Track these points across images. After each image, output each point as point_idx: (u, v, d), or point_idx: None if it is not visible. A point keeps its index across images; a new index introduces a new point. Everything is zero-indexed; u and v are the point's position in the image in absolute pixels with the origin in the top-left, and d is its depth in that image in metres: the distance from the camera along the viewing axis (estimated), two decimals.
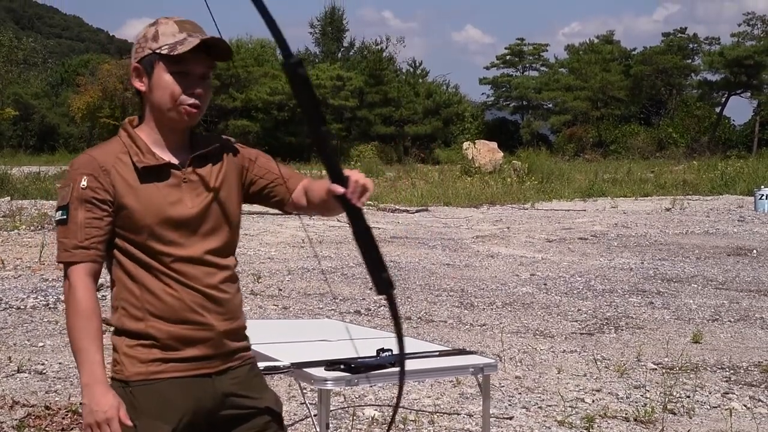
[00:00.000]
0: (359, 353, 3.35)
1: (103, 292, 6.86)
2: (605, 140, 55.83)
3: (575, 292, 9.65)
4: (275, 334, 3.74)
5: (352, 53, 65.63)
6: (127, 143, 2.22)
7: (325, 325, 4.66)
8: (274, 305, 8.29)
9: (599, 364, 6.44)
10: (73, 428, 4.78)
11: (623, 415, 5.23)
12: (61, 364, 6.15)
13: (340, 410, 5.11)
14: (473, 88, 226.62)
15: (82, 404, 2.15)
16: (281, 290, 9.19)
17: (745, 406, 5.50)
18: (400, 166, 39.27)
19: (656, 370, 6.32)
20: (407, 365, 3.31)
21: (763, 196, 19.81)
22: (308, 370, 2.99)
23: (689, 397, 5.62)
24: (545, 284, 10.10)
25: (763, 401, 5.61)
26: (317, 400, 3.36)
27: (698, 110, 59.11)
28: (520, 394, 5.64)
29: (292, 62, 2.00)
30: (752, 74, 57.23)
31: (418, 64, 65.26)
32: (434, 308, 8.56)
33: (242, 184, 2.34)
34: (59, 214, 2.20)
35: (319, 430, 3.18)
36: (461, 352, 3.85)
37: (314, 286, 9.55)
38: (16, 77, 56.79)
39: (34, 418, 4.89)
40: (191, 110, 2.19)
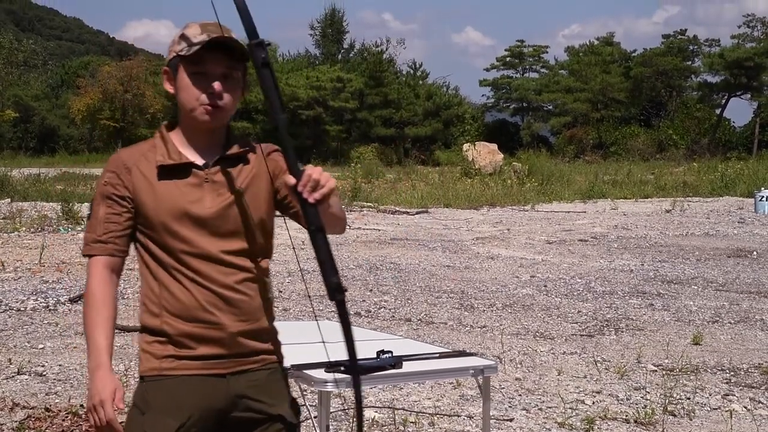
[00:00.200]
0: (359, 355, 3.35)
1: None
2: (605, 142, 55.82)
3: (575, 293, 9.65)
4: None
5: (352, 55, 65.63)
6: (157, 143, 2.28)
7: (325, 326, 4.65)
8: (274, 307, 8.27)
9: (599, 365, 6.44)
10: (73, 430, 4.77)
11: (623, 416, 5.22)
12: (61, 366, 6.15)
13: (340, 412, 5.10)
14: (473, 89, 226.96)
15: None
16: (281, 292, 9.19)
17: (745, 407, 5.49)
18: (400, 167, 39.30)
19: (656, 371, 6.31)
20: (406, 367, 3.32)
21: (763, 197, 19.81)
22: (308, 371, 2.99)
23: (689, 398, 5.61)
24: (545, 286, 10.10)
25: (763, 403, 5.60)
26: (317, 401, 3.35)
27: (698, 112, 59.10)
28: (520, 395, 5.64)
29: (251, 43, 2.05)
30: (752, 76, 57.19)
31: (418, 65, 65.32)
32: (434, 310, 8.56)
33: (273, 191, 2.33)
34: (87, 210, 2.36)
35: (319, 431, 3.18)
36: (461, 353, 3.85)
37: (314, 287, 9.55)
38: (16, 79, 56.85)
39: (34, 420, 4.88)
40: (210, 109, 2.21)
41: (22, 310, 8.23)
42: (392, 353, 3.29)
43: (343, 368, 3.20)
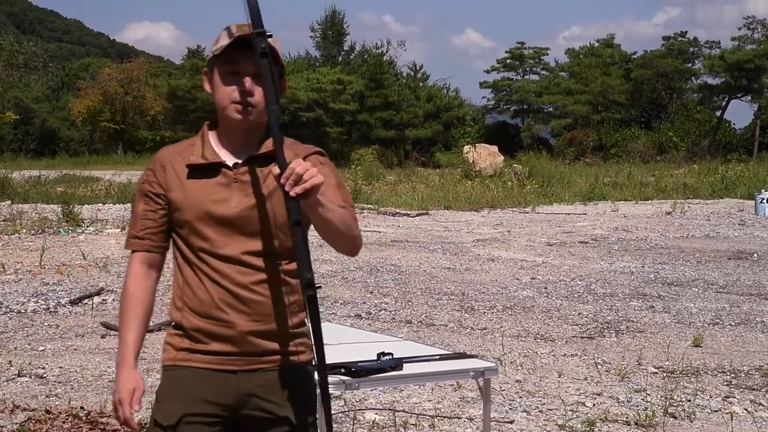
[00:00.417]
0: (360, 357, 3.35)
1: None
2: (606, 144, 55.82)
3: (576, 295, 9.65)
4: None
5: (352, 57, 65.62)
6: (196, 141, 2.34)
7: (325, 328, 4.64)
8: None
9: (600, 367, 6.43)
10: None
11: (624, 418, 5.22)
12: (61, 368, 6.15)
13: (340, 414, 5.10)
14: (474, 91, 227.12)
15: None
16: None
17: (746, 410, 5.49)
18: (400, 169, 39.27)
19: (657, 373, 6.31)
20: (407, 369, 3.32)
21: (763, 199, 19.80)
22: None
23: (690, 401, 5.61)
24: (546, 288, 10.10)
25: (764, 405, 5.60)
26: (318, 403, 3.35)
27: (699, 114, 59.10)
28: (520, 397, 5.64)
29: (253, 32, 2.10)
30: (753, 78, 57.17)
31: (418, 67, 65.30)
32: (435, 312, 8.56)
33: None
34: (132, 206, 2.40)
35: None
36: (462, 355, 3.85)
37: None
38: (16, 81, 56.91)
39: (34, 422, 4.88)
40: (241, 108, 2.24)
41: (22, 312, 8.24)
42: (393, 355, 3.29)
43: (343, 370, 3.21)
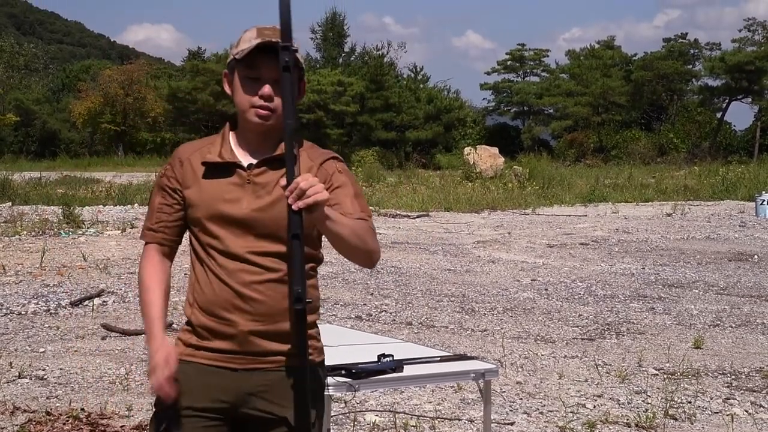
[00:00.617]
0: (360, 358, 3.35)
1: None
2: (606, 145, 55.81)
3: (576, 297, 9.65)
4: None
5: (353, 59, 65.63)
6: (216, 140, 2.36)
7: (326, 330, 4.64)
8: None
9: (600, 369, 6.43)
10: None
11: (624, 420, 5.22)
12: (62, 369, 6.15)
13: (341, 416, 5.10)
14: (474, 93, 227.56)
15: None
16: None
17: (746, 411, 5.49)
18: (401, 171, 39.24)
19: (657, 375, 6.31)
20: (407, 370, 3.32)
21: (764, 201, 19.78)
22: None
23: (690, 402, 5.61)
24: (546, 289, 10.10)
25: (764, 407, 5.60)
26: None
27: (699, 116, 59.10)
28: (521, 399, 5.64)
29: (279, 45, 2.11)
30: (753, 80, 57.18)
31: (419, 69, 65.32)
32: (435, 313, 8.56)
33: None
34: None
35: None
36: (462, 357, 3.85)
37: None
38: (17, 83, 56.90)
39: (34, 423, 4.88)
40: (262, 113, 2.26)
41: (23, 313, 8.24)
42: (393, 357, 3.29)
43: (344, 371, 3.21)
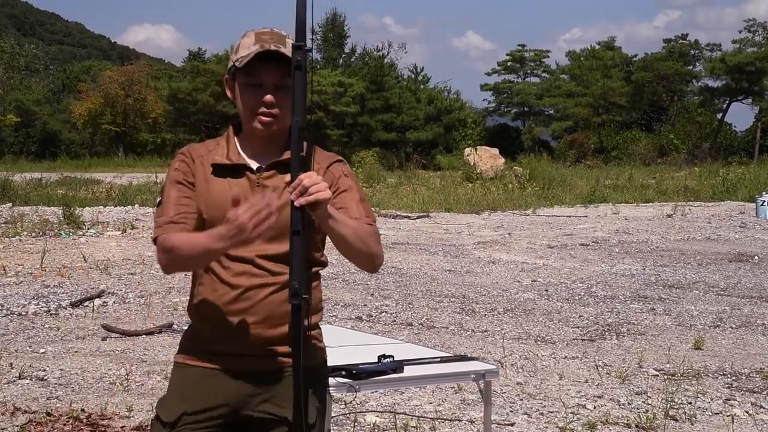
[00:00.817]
0: (360, 359, 3.35)
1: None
2: (606, 146, 55.83)
3: (577, 298, 9.64)
4: None
5: (353, 59, 65.67)
6: (221, 142, 2.38)
7: (326, 331, 4.65)
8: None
9: (601, 370, 6.43)
10: None
11: (625, 421, 5.22)
12: (62, 370, 6.15)
13: (341, 416, 5.10)
14: (474, 94, 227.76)
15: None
16: None
17: (747, 412, 5.49)
18: (401, 172, 39.24)
19: (658, 376, 6.31)
20: (408, 371, 3.33)
21: (764, 202, 19.77)
22: None
23: (691, 403, 5.61)
24: (546, 290, 10.09)
25: (765, 408, 5.60)
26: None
27: (699, 116, 59.12)
28: (521, 400, 5.64)
29: (294, 44, 2.16)
30: (753, 81, 57.23)
31: (419, 70, 65.37)
32: (435, 314, 8.56)
33: None
34: (158, 199, 2.38)
35: None
36: (463, 358, 3.85)
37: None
38: (17, 84, 56.89)
39: (35, 424, 4.88)
40: (264, 120, 2.28)
41: (23, 314, 8.24)
42: (393, 357, 3.29)
43: (344, 372, 3.21)
